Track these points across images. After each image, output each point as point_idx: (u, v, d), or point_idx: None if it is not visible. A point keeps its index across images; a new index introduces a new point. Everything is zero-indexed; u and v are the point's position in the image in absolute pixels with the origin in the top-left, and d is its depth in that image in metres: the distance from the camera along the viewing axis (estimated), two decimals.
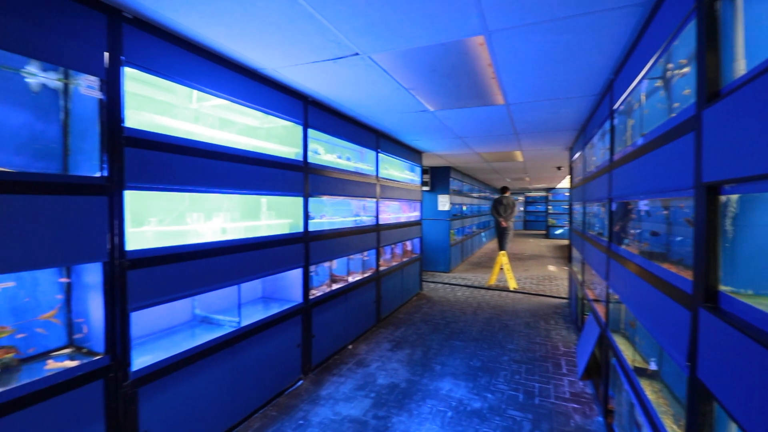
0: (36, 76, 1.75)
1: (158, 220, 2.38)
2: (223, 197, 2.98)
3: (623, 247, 2.34)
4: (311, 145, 3.43)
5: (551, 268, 9.32)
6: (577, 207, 4.92)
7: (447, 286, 7.23)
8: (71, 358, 1.82)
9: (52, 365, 1.71)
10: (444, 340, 4.30)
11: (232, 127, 3.13)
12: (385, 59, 2.46)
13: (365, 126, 4.45)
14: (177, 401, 2.15)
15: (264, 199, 3.22)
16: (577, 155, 4.99)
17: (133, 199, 2.24)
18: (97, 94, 1.76)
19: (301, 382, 3.26)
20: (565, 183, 14.07)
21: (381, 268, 4.95)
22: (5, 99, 1.67)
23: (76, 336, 1.93)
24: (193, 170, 2.21)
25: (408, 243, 6.36)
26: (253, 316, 2.86)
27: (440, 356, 3.84)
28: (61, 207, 1.60)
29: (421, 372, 3.47)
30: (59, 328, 1.91)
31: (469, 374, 3.43)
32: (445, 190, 8.53)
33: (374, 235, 4.70)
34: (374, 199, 4.76)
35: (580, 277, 4.36)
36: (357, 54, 2.37)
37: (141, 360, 2.03)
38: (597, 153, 3.43)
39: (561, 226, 17.57)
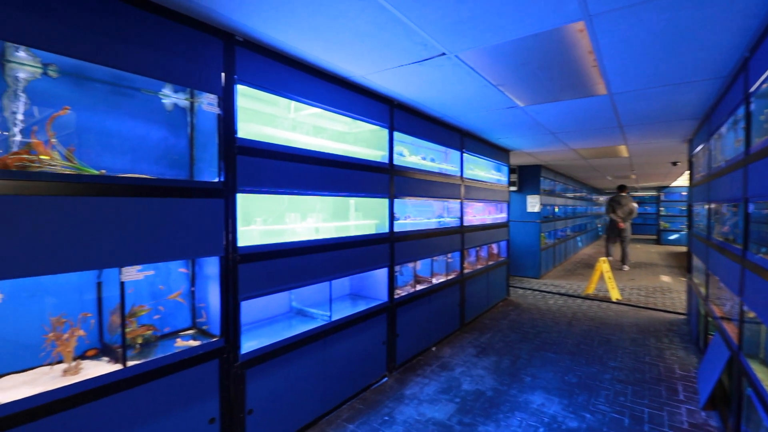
0: (169, 97, 2.08)
1: (262, 219, 2.64)
2: (317, 199, 3.20)
3: (762, 256, 1.96)
4: (396, 148, 3.50)
5: (665, 278, 8.18)
6: (699, 208, 4.24)
7: (537, 292, 6.78)
8: (194, 338, 2.11)
9: (180, 343, 2.01)
10: (534, 351, 4.04)
11: (324, 134, 3.34)
12: (472, 57, 2.41)
13: (450, 126, 4.40)
14: (277, 385, 2.36)
15: (352, 201, 3.37)
16: (699, 148, 4.30)
17: (242, 201, 2.51)
18: (216, 110, 2.02)
19: (385, 379, 3.33)
20: (682, 180, 12.23)
21: (465, 271, 4.83)
22: (148, 118, 2.02)
23: (199, 320, 2.24)
24: (292, 174, 2.41)
25: (494, 246, 6.12)
26: (342, 311, 3.01)
27: (530, 367, 3.62)
28: (189, 208, 1.87)
29: (508, 382, 3.31)
30: (185, 311, 2.23)
31: (564, 390, 3.17)
32: (535, 191, 8.02)
33: (458, 236, 4.61)
34: (458, 200, 4.68)
35: (702, 290, 3.75)
36: (443, 54, 2.36)
37: (248, 345, 2.27)
38: (727, 145, 2.92)
39: (676, 231, 15.29)
